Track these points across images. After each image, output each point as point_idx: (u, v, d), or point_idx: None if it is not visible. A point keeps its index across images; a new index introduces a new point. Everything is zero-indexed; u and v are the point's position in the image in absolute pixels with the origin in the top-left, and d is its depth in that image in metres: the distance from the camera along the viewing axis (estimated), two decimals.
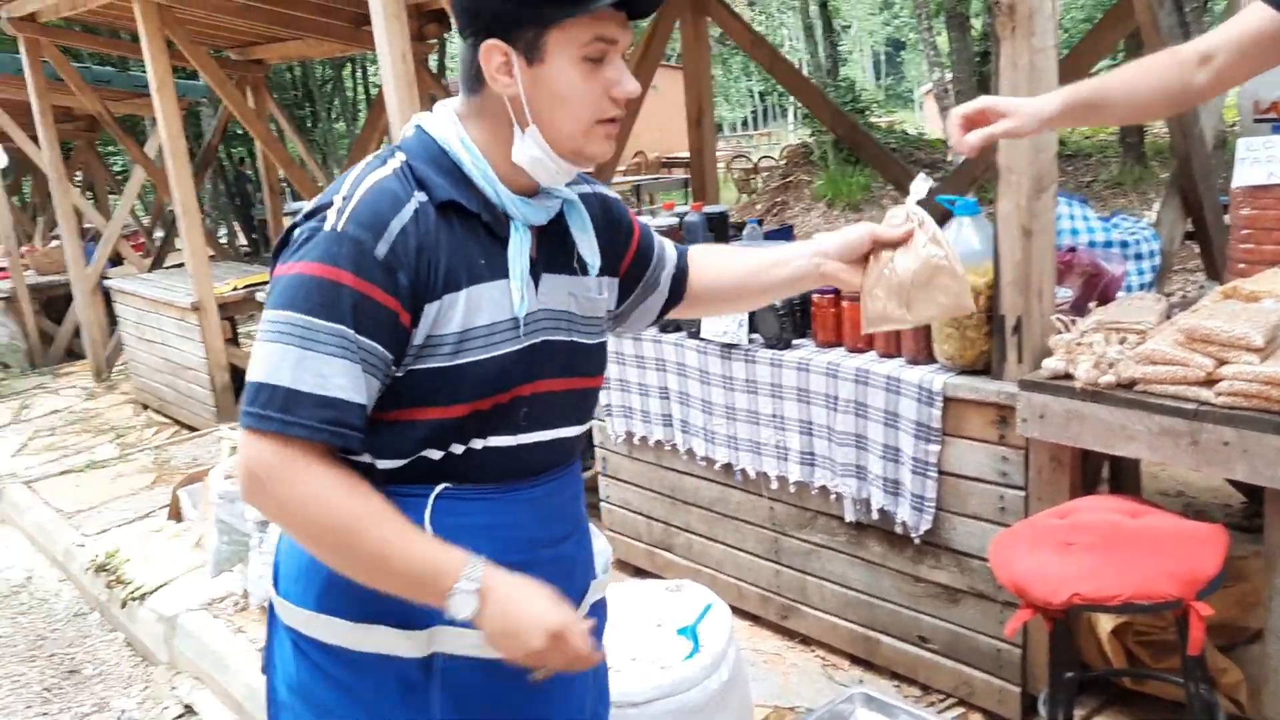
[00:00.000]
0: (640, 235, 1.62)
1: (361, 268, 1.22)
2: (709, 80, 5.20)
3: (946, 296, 1.43)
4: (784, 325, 2.98)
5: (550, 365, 1.39)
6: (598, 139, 1.31)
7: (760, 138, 31.93)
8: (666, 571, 3.61)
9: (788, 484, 3.06)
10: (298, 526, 1.25)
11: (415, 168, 1.31)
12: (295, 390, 1.20)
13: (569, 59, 1.26)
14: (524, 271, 1.33)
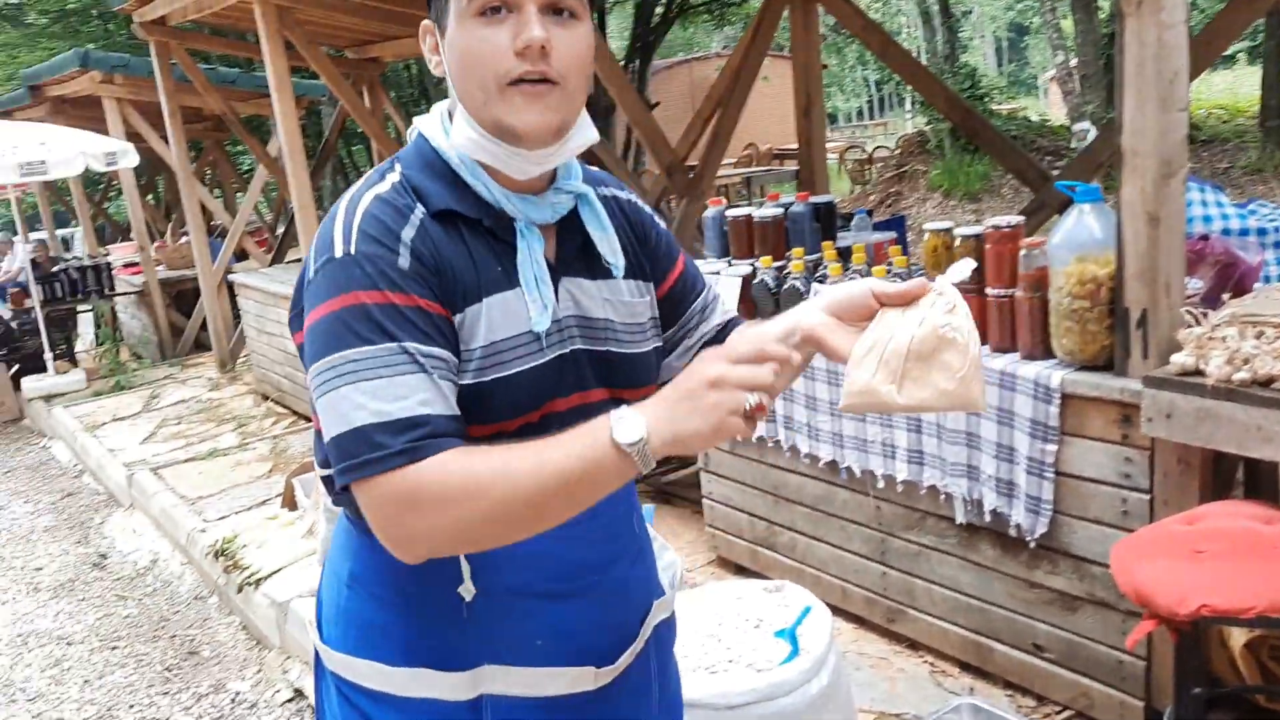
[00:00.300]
0: (685, 264, 1.45)
1: (387, 282, 1.12)
2: (819, 69, 5.09)
3: (949, 380, 1.13)
4: None
5: (586, 377, 1.27)
6: (515, 105, 1.14)
7: (876, 128, 31.37)
8: (769, 570, 3.54)
9: (895, 483, 2.96)
10: (458, 535, 1.09)
11: (411, 178, 1.21)
12: (376, 424, 1.07)
13: (463, 18, 1.14)
14: (537, 277, 1.21)
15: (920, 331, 1.14)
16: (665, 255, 1.41)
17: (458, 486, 1.06)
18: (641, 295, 1.35)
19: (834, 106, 40.41)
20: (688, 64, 22.57)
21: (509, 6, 1.12)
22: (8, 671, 4.12)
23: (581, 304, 1.27)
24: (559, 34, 1.13)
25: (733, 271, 3.39)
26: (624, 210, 1.38)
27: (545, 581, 1.23)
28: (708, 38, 27.14)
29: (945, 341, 1.13)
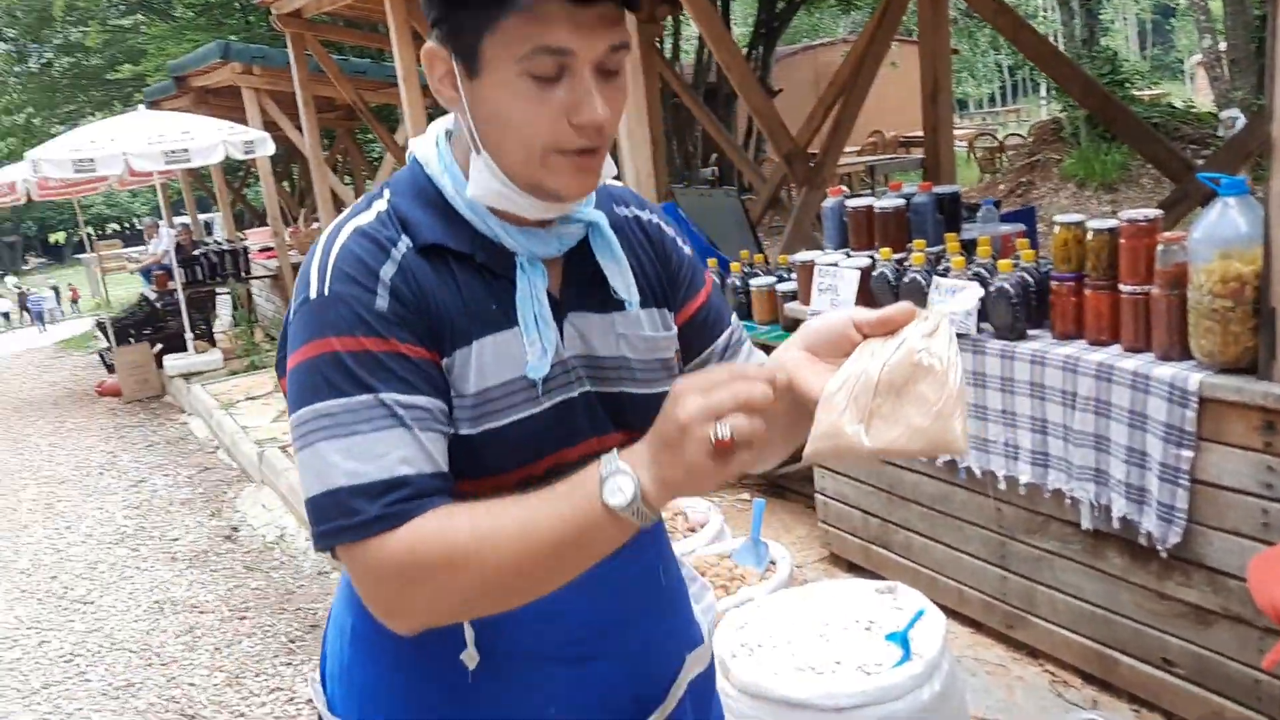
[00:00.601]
0: (710, 295, 1.29)
1: (363, 326, 1.01)
2: (947, 54, 4.94)
3: (923, 414, 0.96)
4: (1017, 314, 2.77)
5: (600, 422, 1.14)
6: (563, 172, 1.02)
7: (1008, 115, 30.42)
8: (882, 569, 3.46)
9: (1017, 485, 2.85)
10: (446, 608, 1.02)
11: (398, 207, 1.08)
12: (353, 487, 0.98)
13: (507, 74, 0.98)
14: (538, 317, 1.08)
15: (893, 359, 0.98)
16: (688, 282, 1.26)
17: (439, 555, 0.97)
18: (663, 328, 1.22)
19: (964, 92, 39.33)
20: (812, 50, 22.26)
21: (564, 67, 0.98)
22: (145, 636, 4.34)
23: (590, 342, 1.14)
24: (608, 95, 1.01)
25: (851, 263, 3.32)
26: (645, 231, 1.24)
27: (558, 645, 1.13)
28: (833, 23, 26.70)
29: (920, 370, 0.97)
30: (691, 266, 1.28)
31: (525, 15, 0.95)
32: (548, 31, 0.95)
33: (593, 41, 0.96)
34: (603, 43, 0.97)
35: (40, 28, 19.38)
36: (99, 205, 44.94)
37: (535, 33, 0.95)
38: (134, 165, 8.31)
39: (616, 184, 1.28)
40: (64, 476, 7.19)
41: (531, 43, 0.95)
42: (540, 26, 0.95)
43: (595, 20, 0.96)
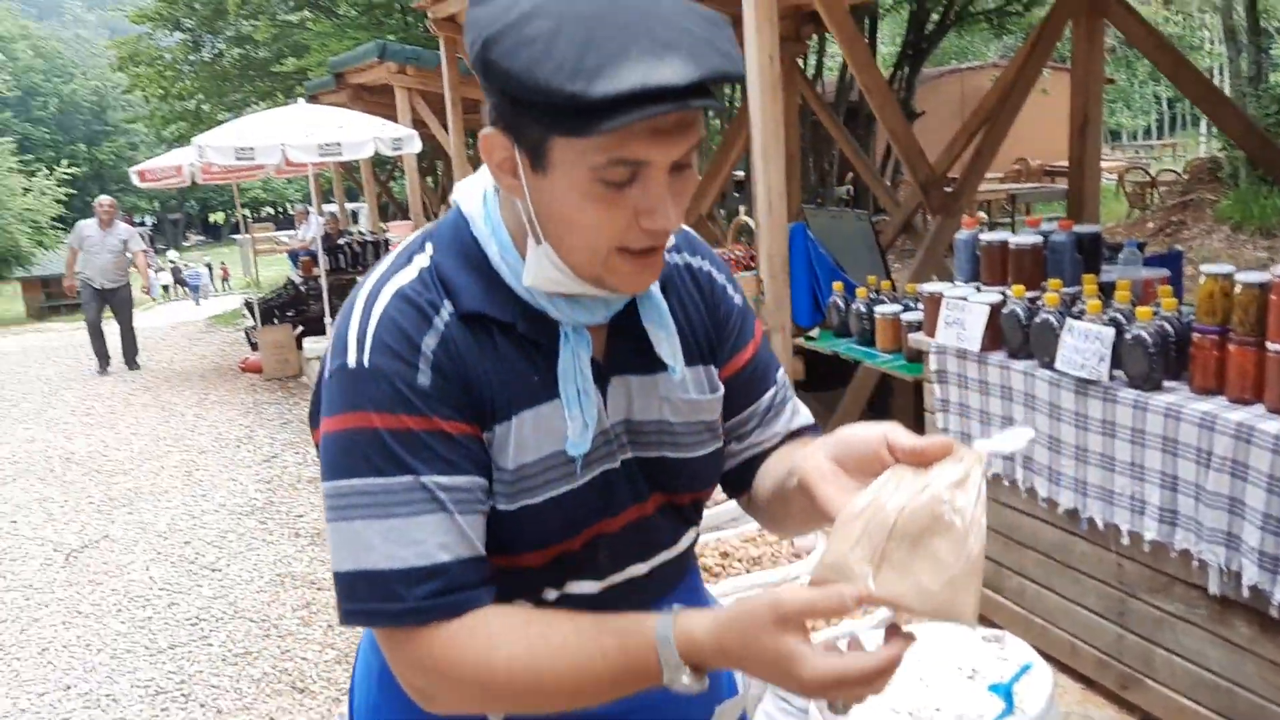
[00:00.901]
0: (757, 351, 1.24)
1: (403, 403, 0.98)
2: (1100, 86, 4.79)
3: (934, 576, 0.89)
4: (1154, 363, 2.67)
5: (640, 489, 1.12)
6: (625, 271, 0.99)
7: (1163, 149, 29.16)
8: (992, 614, 3.37)
9: (1141, 541, 2.75)
10: (480, 708, 1.02)
11: (441, 267, 1.04)
12: (390, 571, 0.97)
13: (579, 178, 0.93)
14: (580, 390, 1.04)
15: (914, 503, 0.90)
16: (736, 335, 1.22)
17: (481, 670, 0.97)
18: (708, 391, 1.17)
19: (1117, 123, 37.88)
20: (959, 73, 21.79)
21: (637, 175, 0.93)
22: (265, 607, 4.53)
23: (634, 406, 1.11)
24: (678, 189, 0.96)
25: (981, 298, 3.25)
26: (695, 279, 1.20)
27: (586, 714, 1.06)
28: (984, 47, 26.08)
29: (940, 524, 0.89)
30: (741, 317, 1.23)
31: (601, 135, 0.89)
32: (628, 145, 0.90)
33: (669, 150, 0.93)
34: (679, 149, 0.93)
35: (215, 20, 20.46)
36: (256, 189, 47.18)
37: (616, 144, 0.90)
38: (290, 156, 8.68)
39: None
40: (204, 446, 7.56)
41: (609, 154, 0.91)
42: (622, 139, 0.90)
43: (674, 128, 0.92)
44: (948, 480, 0.91)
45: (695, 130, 0.94)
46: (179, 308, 24.18)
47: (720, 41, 0.92)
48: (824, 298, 4.61)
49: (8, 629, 4.52)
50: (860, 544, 0.91)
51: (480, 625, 0.99)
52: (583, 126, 0.87)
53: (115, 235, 10.61)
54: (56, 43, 58.68)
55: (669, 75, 0.86)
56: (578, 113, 0.87)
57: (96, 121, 53.58)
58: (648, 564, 1.16)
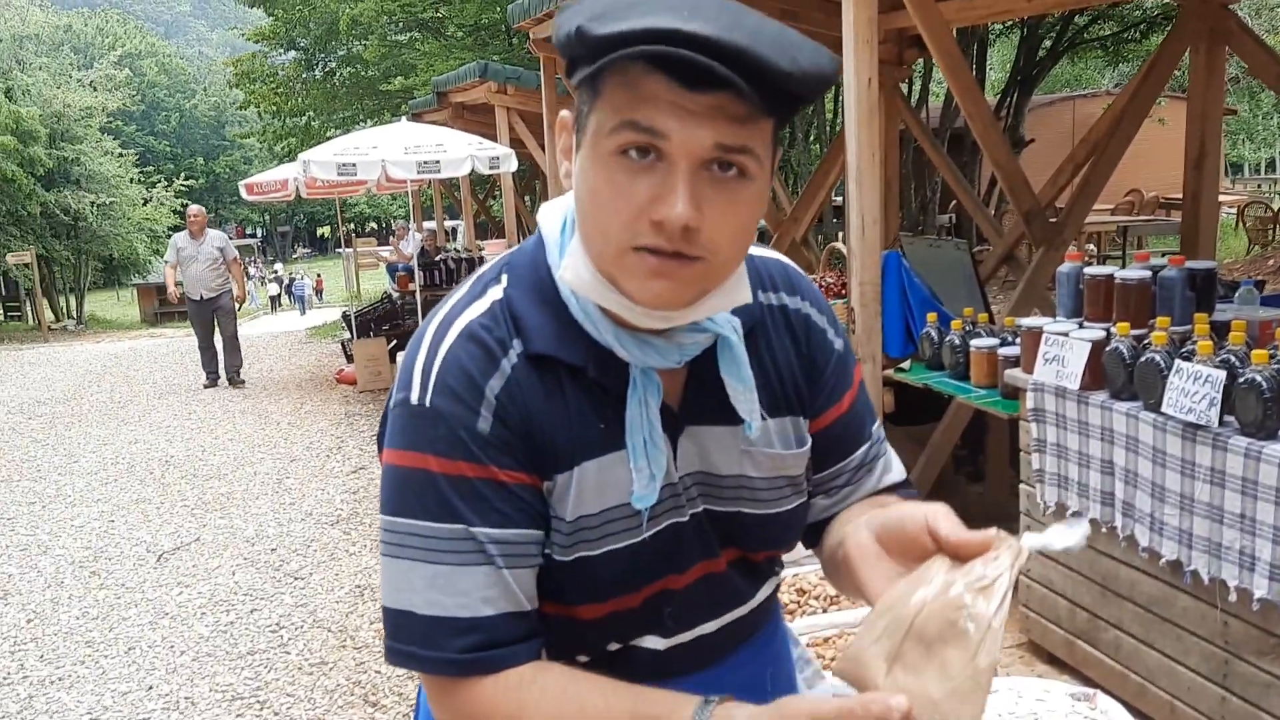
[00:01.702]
0: (854, 402, 1.16)
1: (462, 449, 0.95)
2: (1218, 118, 4.57)
3: (939, 685, 0.84)
4: (1269, 410, 2.49)
5: (710, 544, 1.06)
6: (636, 274, 0.90)
7: None
8: (1085, 667, 3.19)
9: (1250, 599, 2.56)
10: None
11: (513, 302, 0.99)
12: (432, 617, 0.96)
13: (601, 149, 0.88)
14: (648, 440, 0.98)
15: (934, 605, 0.85)
16: (832, 386, 1.13)
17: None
18: (794, 445, 1.10)
19: (1239, 155, 36.47)
20: (1071, 101, 21.21)
21: (659, 153, 0.86)
22: (344, 618, 4.57)
23: (710, 458, 1.04)
24: (716, 200, 0.87)
25: (1083, 335, 3.09)
26: (790, 323, 1.11)
27: None
28: (1097, 75, 25.38)
29: (954, 631, 0.83)
30: (840, 365, 1.14)
31: (623, 84, 0.86)
32: (641, 107, 0.85)
33: (695, 132, 0.85)
34: (705, 136, 0.85)
35: (327, 40, 21.11)
36: (361, 205, 48.51)
37: (629, 104, 0.86)
38: (390, 173, 8.86)
39: (769, 257, 1.15)
40: (296, 455, 7.72)
41: (622, 115, 0.86)
42: (636, 99, 0.85)
43: (705, 110, 0.84)
44: (974, 583, 0.85)
45: (740, 128, 0.86)
46: (286, 318, 24.90)
47: (784, 42, 0.84)
48: (917, 328, 4.47)
49: (98, 626, 4.64)
50: (881, 640, 0.87)
51: (514, 687, 0.96)
52: (592, 70, 0.85)
53: (208, 244, 10.58)
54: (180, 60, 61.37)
55: (678, 23, 0.80)
56: (590, 58, 0.85)
57: (214, 136, 55.81)
58: (718, 622, 1.10)
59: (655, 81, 0.84)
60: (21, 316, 25.91)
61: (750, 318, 1.06)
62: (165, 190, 28.48)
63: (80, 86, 26.17)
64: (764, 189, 0.92)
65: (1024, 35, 14.09)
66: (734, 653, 1.13)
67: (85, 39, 51.90)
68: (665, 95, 0.84)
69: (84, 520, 6.34)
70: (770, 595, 1.18)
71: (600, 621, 1.04)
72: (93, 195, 24.78)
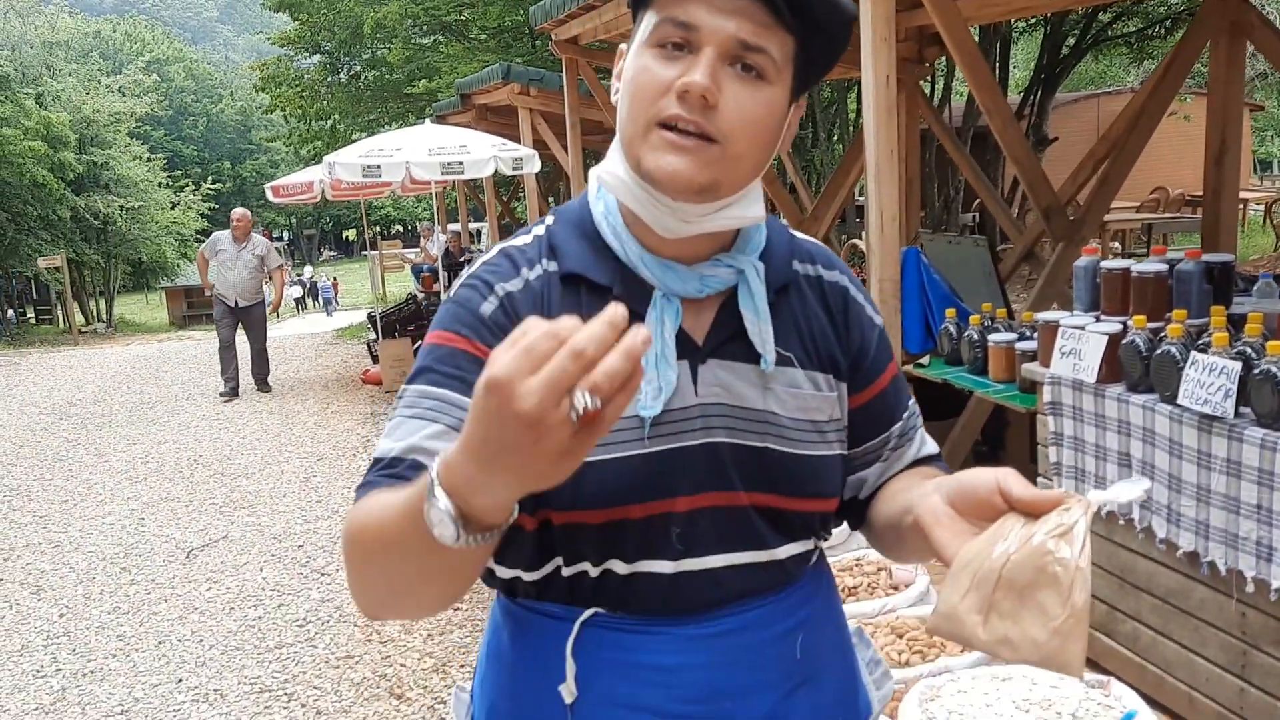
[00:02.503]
0: (891, 382, 1.22)
1: (459, 323, 1.05)
2: (1239, 113, 4.56)
3: (1040, 627, 0.89)
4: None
5: (728, 476, 1.08)
6: (656, 148, 0.99)
7: None
8: (1103, 659, 3.20)
9: (1268, 590, 2.57)
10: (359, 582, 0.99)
11: (555, 234, 1.12)
12: (380, 457, 1.02)
13: (643, 44, 1.01)
14: (659, 354, 1.04)
15: (1019, 555, 0.91)
16: (870, 364, 1.19)
17: (346, 529, 0.97)
18: (825, 390, 1.14)
19: (1268, 152, 36.04)
20: (1096, 98, 21.06)
21: (690, 45, 0.99)
22: None
23: (734, 390, 1.09)
24: (735, 89, 0.99)
25: (1099, 328, 3.11)
26: (824, 292, 1.18)
27: (664, 700, 1.06)
28: (1122, 72, 25.18)
29: (1045, 576, 0.90)
30: (881, 343, 1.21)
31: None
32: (681, 6, 0.98)
33: (721, 24, 0.97)
34: (731, 28, 0.97)
35: (352, 43, 21.27)
36: (387, 207, 48.77)
37: (672, 4, 0.99)
38: (414, 174, 8.94)
39: (810, 240, 1.22)
40: (322, 454, 7.81)
41: (665, 11, 0.99)
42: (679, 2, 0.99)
43: (733, 8, 0.97)
44: (1053, 529, 0.91)
45: (758, 28, 0.98)
46: (312, 320, 25.12)
47: None
48: (936, 324, 4.49)
49: (129, 621, 4.72)
50: (970, 595, 0.93)
51: (362, 503, 0.97)
52: None
53: (251, 250, 10.11)
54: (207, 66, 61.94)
55: None
56: None
57: (241, 140, 56.31)
58: (729, 557, 1.10)
59: None
60: (52, 320, 26.26)
61: (783, 278, 1.14)
62: (193, 194, 28.78)
63: (109, 92, 26.48)
64: (781, 100, 1.03)
65: (1047, 33, 14.03)
66: (757, 603, 1.12)
67: (114, 45, 52.53)
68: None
69: (115, 518, 6.44)
70: (803, 556, 1.17)
71: (603, 529, 1.05)
72: (121, 199, 25.08)
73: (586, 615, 1.09)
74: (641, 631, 1.08)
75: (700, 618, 1.09)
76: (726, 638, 1.06)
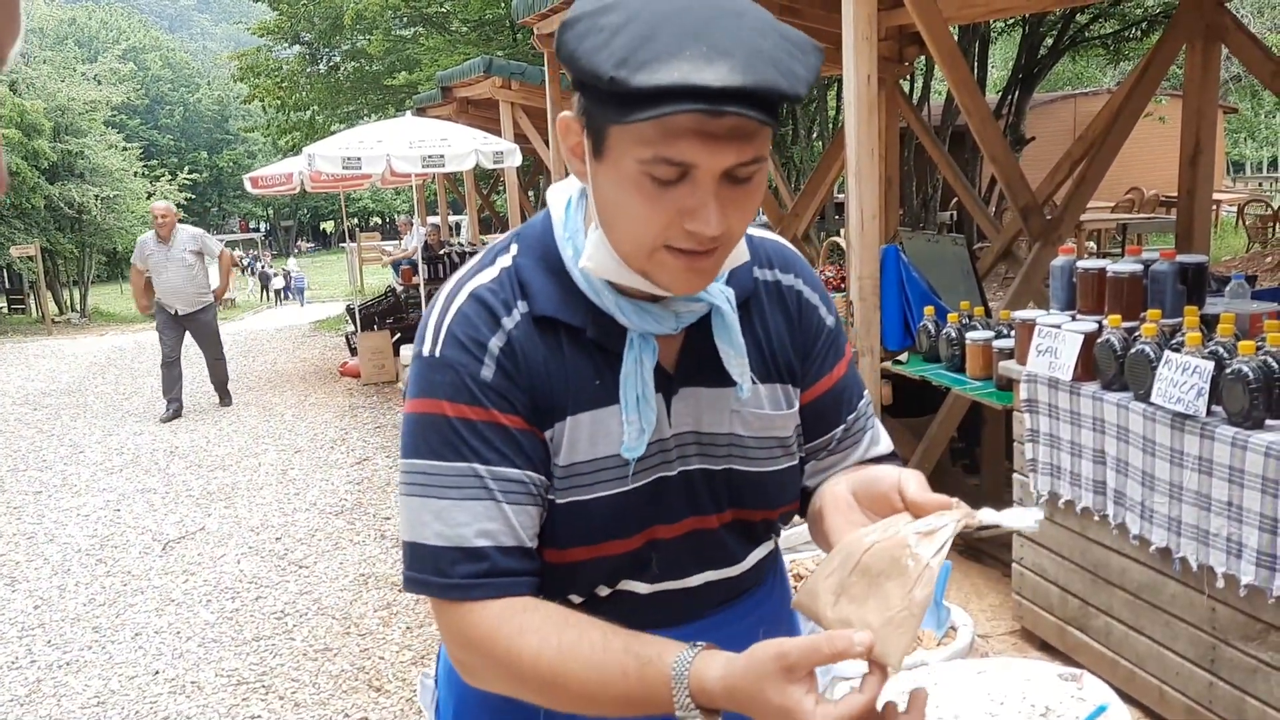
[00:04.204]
0: (844, 375, 1.24)
1: (466, 394, 1.05)
2: (1213, 115, 4.62)
3: (878, 615, 0.92)
4: (1255, 400, 2.55)
5: (701, 501, 1.13)
6: (671, 270, 1.00)
7: None
8: (1076, 653, 3.25)
9: (1237, 585, 2.62)
10: (507, 689, 1.07)
11: (521, 269, 1.10)
12: (439, 548, 1.05)
13: (630, 168, 0.95)
14: (640, 397, 1.07)
15: (882, 544, 0.94)
16: (822, 357, 1.22)
17: (506, 655, 1.03)
18: (784, 406, 1.18)
19: (1240, 154, 36.43)
20: (1073, 99, 21.22)
21: (686, 174, 0.95)
22: (348, 605, 4.63)
23: (703, 418, 1.13)
24: (733, 201, 0.97)
25: (1075, 327, 3.15)
26: (783, 297, 1.20)
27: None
28: (1099, 73, 25.37)
29: (897, 567, 0.92)
30: (830, 340, 1.23)
31: (650, 124, 0.91)
32: (673, 144, 0.92)
33: (719, 155, 0.93)
34: (730, 157, 0.93)
35: (332, 34, 21.12)
36: (366, 199, 48.51)
37: (661, 141, 0.92)
38: (394, 166, 8.91)
39: (768, 237, 1.24)
40: (300, 446, 7.79)
41: (654, 150, 0.93)
42: (667, 136, 0.92)
43: (725, 133, 0.92)
44: (921, 529, 0.94)
45: (751, 142, 0.95)
46: (287, 312, 24.98)
47: (785, 59, 0.92)
48: (915, 322, 4.52)
49: (105, 613, 4.70)
50: (832, 575, 0.96)
51: (516, 612, 1.04)
52: (624, 115, 0.91)
53: (181, 247, 8.84)
54: (184, 54, 61.38)
55: (710, 77, 0.87)
56: (620, 102, 0.90)
57: (218, 130, 55.81)
58: (702, 577, 1.17)
59: (684, 118, 0.91)
60: (25, 310, 25.97)
61: (745, 290, 1.15)
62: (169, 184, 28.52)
63: (84, 80, 26.17)
64: (765, 173, 1.01)
65: (1025, 33, 14.12)
66: (724, 608, 1.20)
67: (90, 33, 51.95)
68: (692, 127, 0.92)
69: (90, 509, 6.41)
70: (764, 558, 1.24)
71: (591, 564, 1.12)
72: (96, 189, 24.80)
73: None
74: None
75: (670, 626, 1.14)
76: (693, 639, 1.08)
